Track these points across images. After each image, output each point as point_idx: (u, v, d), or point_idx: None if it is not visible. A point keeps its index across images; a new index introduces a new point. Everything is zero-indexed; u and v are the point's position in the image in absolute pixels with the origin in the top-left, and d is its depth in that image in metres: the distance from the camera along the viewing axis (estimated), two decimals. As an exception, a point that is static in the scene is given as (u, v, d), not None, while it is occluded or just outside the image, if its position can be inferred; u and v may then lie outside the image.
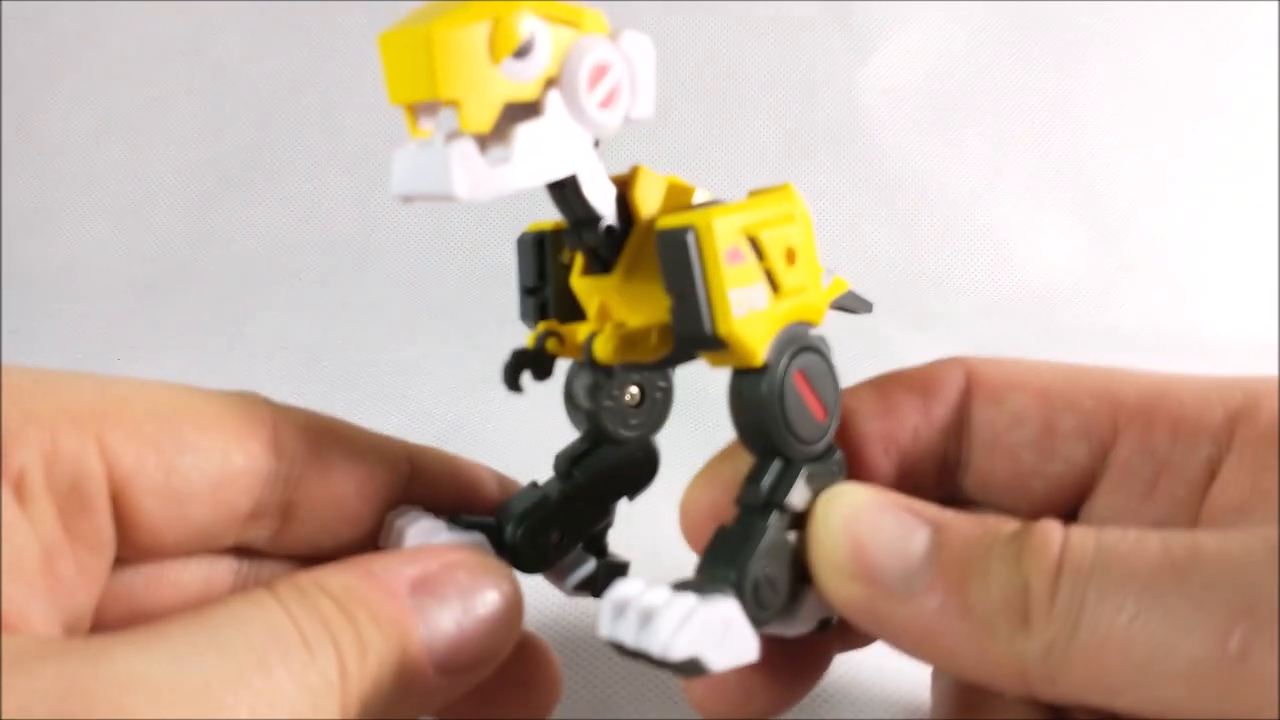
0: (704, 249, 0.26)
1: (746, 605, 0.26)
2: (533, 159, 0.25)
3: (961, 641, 0.24)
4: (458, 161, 0.24)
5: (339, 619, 0.24)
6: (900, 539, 0.25)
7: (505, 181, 0.24)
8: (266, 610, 0.23)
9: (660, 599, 0.24)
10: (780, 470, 0.28)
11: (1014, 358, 0.32)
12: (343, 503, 0.30)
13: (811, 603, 0.28)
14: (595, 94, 0.26)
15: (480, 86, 0.24)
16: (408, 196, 0.25)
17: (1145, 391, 0.29)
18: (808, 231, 0.29)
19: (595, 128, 0.26)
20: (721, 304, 0.26)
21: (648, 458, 0.34)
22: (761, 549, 0.27)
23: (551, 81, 0.25)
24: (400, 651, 0.25)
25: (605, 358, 0.27)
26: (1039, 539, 0.24)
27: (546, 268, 0.31)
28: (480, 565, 0.28)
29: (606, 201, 0.28)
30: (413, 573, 0.26)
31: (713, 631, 0.25)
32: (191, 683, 0.21)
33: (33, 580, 0.24)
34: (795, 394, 0.28)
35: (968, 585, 0.24)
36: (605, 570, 0.34)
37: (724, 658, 0.25)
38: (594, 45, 0.26)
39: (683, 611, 0.24)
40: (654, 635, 0.24)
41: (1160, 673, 0.22)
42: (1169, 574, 0.22)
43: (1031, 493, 0.30)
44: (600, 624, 0.25)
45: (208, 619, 0.23)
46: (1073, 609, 0.22)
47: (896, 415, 0.31)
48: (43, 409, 0.25)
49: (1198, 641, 0.21)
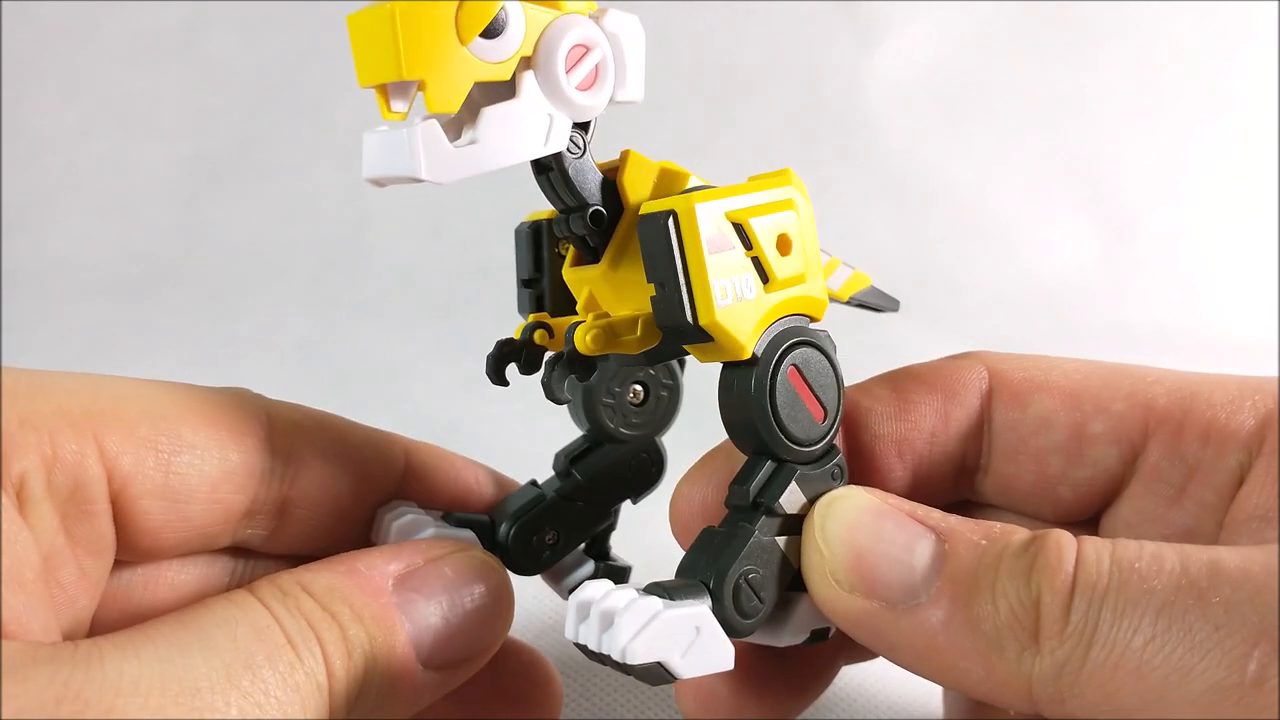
0: (685, 235, 0.25)
1: (725, 611, 0.25)
2: (502, 141, 0.24)
3: (967, 658, 0.23)
4: (421, 143, 0.23)
5: (323, 618, 0.24)
6: (903, 548, 0.24)
7: (472, 163, 0.24)
8: (250, 611, 0.23)
9: (622, 601, 0.23)
10: (770, 472, 0.27)
11: (1035, 355, 0.31)
12: (337, 499, 0.29)
13: (803, 613, 0.27)
14: (574, 75, 0.25)
15: (447, 66, 0.23)
16: (377, 180, 0.24)
17: (1175, 393, 0.28)
18: (807, 220, 0.27)
19: (575, 110, 0.25)
20: (704, 293, 0.25)
21: (653, 459, 0.33)
22: (744, 553, 0.25)
23: (527, 61, 0.24)
24: (387, 649, 0.24)
25: (585, 348, 0.26)
26: (1052, 553, 0.23)
27: (543, 259, 0.30)
28: (467, 559, 0.27)
29: (594, 188, 0.27)
30: (397, 569, 0.26)
31: (679, 637, 0.23)
32: (181, 685, 0.21)
33: (33, 587, 0.23)
34: (789, 391, 0.27)
35: (975, 599, 0.23)
36: (605, 574, 0.33)
37: (692, 665, 0.24)
38: (573, 25, 0.25)
39: (644, 615, 0.23)
40: (614, 639, 0.23)
41: (1176, 698, 0.21)
42: (1187, 594, 0.21)
43: (1057, 498, 0.29)
44: (566, 626, 0.24)
45: (193, 620, 0.23)
46: (1087, 629, 0.22)
47: (912, 418, 0.30)
48: (40, 412, 0.24)
49: (1215, 665, 0.21)
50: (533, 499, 0.31)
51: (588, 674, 0.40)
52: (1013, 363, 0.30)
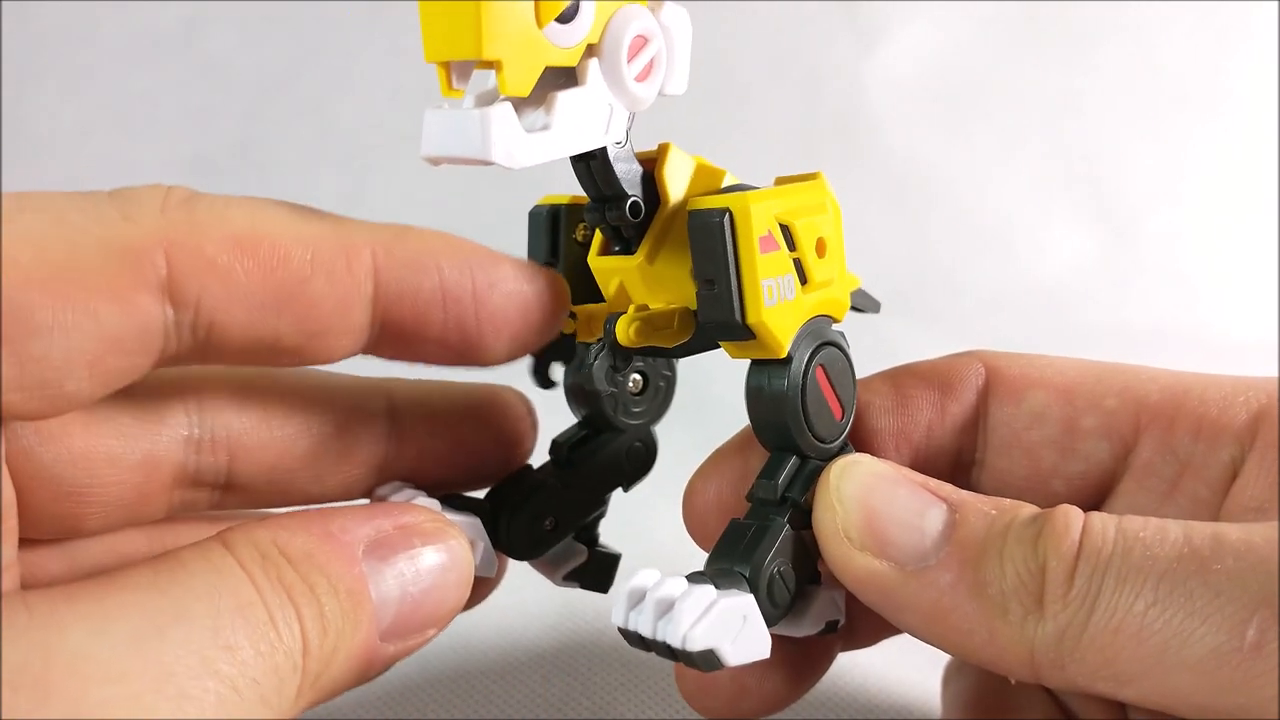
0: (739, 234, 0.25)
1: (760, 601, 0.26)
2: (571, 128, 0.24)
3: (971, 621, 0.24)
4: (498, 125, 0.23)
5: (303, 592, 0.23)
6: (915, 513, 0.25)
7: (543, 149, 0.24)
8: (231, 580, 0.22)
9: (678, 589, 0.24)
10: (796, 467, 0.27)
11: (1032, 353, 0.31)
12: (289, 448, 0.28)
13: (820, 604, 0.28)
14: (634, 65, 0.25)
15: (524, 49, 0.23)
16: (438, 159, 0.24)
17: (1168, 390, 0.29)
18: (838, 223, 0.28)
19: (632, 100, 0.25)
20: (754, 292, 0.25)
21: (646, 448, 0.34)
22: (778, 546, 0.26)
23: (591, 49, 0.25)
24: (354, 624, 0.24)
25: (627, 340, 0.26)
26: (1059, 522, 0.23)
27: (560, 244, 0.30)
28: (433, 527, 0.26)
29: (633, 179, 0.27)
30: (368, 533, 0.25)
31: (731, 625, 0.24)
32: (156, 670, 0.19)
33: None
34: (817, 390, 0.27)
35: (982, 564, 0.24)
36: (597, 561, 0.34)
37: (740, 652, 0.24)
38: (637, 14, 0.25)
39: (703, 603, 0.24)
40: (674, 626, 0.23)
41: (1174, 662, 0.21)
42: (1190, 561, 0.22)
43: (1050, 492, 0.30)
44: (615, 613, 0.25)
45: (169, 587, 0.21)
46: (1090, 594, 0.22)
47: (910, 411, 0.31)
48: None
49: (1214, 630, 0.21)
50: (536, 487, 0.32)
51: (588, 673, 0.40)
52: (1009, 360, 0.31)
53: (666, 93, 0.26)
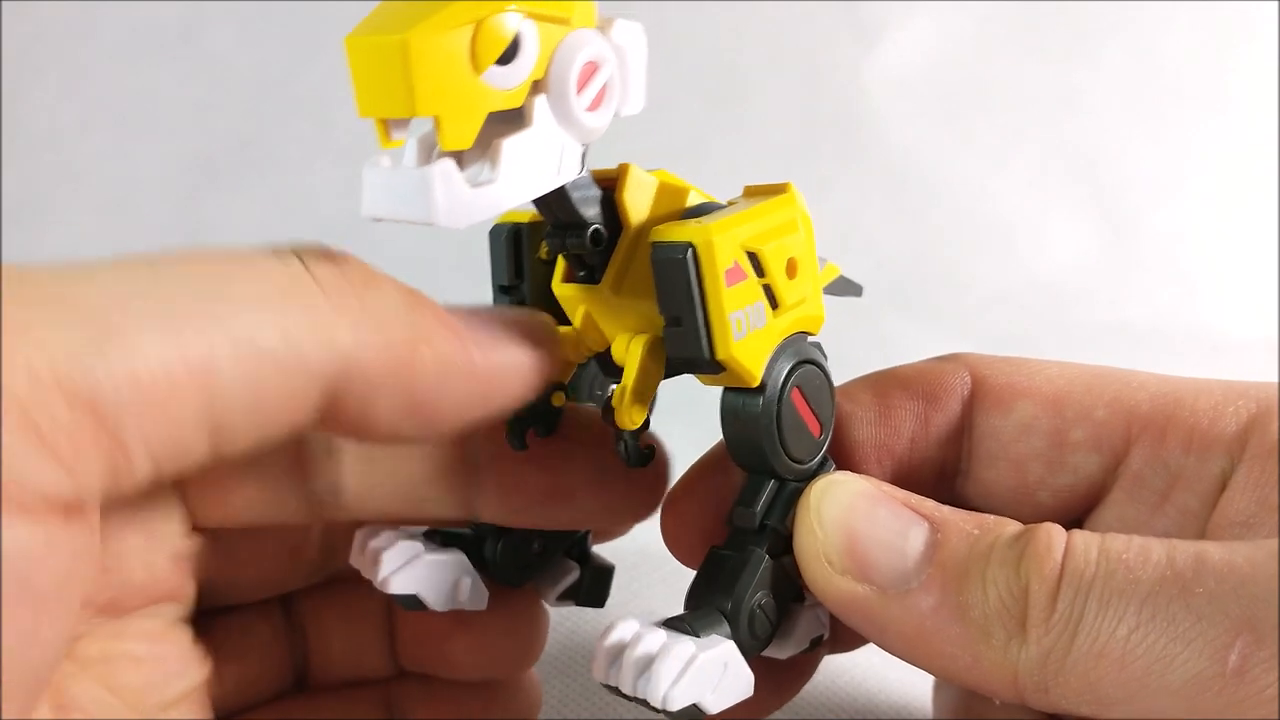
0: (704, 269, 0.24)
1: (740, 636, 0.25)
2: (519, 177, 0.23)
3: (954, 645, 0.23)
4: (439, 186, 0.21)
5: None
6: (897, 534, 0.25)
7: (491, 203, 0.22)
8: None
9: (655, 644, 0.23)
10: (774, 492, 0.27)
11: (1020, 357, 0.31)
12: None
13: (805, 623, 0.28)
14: (585, 95, 0.23)
15: (462, 100, 0.21)
16: (380, 219, 0.23)
17: (1158, 399, 0.28)
18: (809, 237, 0.27)
19: (584, 133, 0.24)
20: (721, 328, 0.24)
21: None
22: (757, 579, 0.26)
23: (537, 85, 0.23)
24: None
25: (637, 424, 0.26)
26: (1041, 543, 0.23)
27: (523, 264, 0.29)
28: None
29: (593, 206, 0.25)
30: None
31: (712, 676, 0.24)
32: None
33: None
34: (793, 413, 0.26)
35: (965, 587, 0.23)
36: (591, 576, 0.33)
37: (722, 700, 0.24)
38: (584, 40, 0.23)
39: (681, 660, 0.23)
40: (653, 686, 0.23)
41: (1157, 686, 0.21)
42: (1172, 584, 0.21)
43: (1037, 504, 0.29)
44: (595, 668, 0.24)
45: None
46: (1072, 618, 0.22)
47: (893, 423, 0.30)
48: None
49: (1197, 655, 0.21)
50: None
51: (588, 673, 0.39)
52: (996, 367, 0.30)
53: (622, 114, 0.25)
